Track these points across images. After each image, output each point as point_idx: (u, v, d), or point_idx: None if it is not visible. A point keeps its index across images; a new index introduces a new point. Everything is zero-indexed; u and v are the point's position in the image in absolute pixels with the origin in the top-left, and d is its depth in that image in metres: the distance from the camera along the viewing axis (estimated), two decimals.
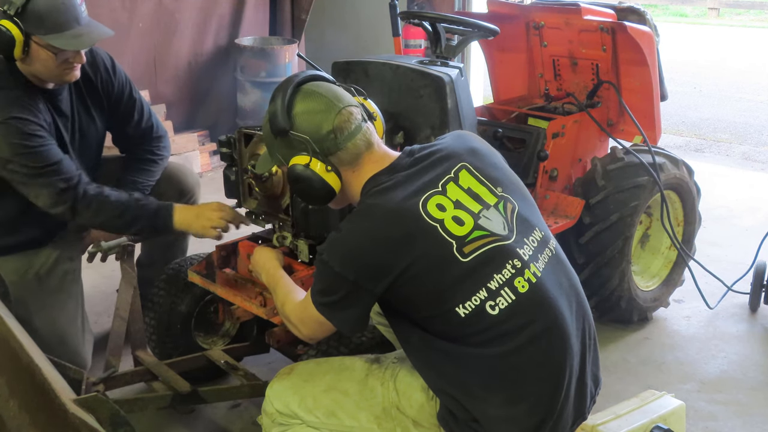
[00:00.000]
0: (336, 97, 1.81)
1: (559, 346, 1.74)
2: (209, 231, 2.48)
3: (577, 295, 1.87)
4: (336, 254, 1.70)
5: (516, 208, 1.83)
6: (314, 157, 1.77)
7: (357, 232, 1.71)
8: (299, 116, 1.79)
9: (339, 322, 1.76)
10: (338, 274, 1.69)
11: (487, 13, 3.69)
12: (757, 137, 6.89)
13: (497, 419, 1.72)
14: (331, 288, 1.72)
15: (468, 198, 1.78)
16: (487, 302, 1.69)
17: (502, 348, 1.70)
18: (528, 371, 1.72)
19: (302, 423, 1.86)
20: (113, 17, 4.87)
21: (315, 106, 1.79)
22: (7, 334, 2.17)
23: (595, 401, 1.91)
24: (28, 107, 2.40)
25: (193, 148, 5.35)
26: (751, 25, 13.39)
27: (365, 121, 1.83)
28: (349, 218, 1.75)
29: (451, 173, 1.79)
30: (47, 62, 2.37)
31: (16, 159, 2.35)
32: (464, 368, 1.72)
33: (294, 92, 1.82)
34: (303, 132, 1.77)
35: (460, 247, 1.69)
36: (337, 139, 1.77)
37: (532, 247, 1.80)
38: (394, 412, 1.84)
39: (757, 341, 3.32)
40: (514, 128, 3.29)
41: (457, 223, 1.72)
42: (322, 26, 6.88)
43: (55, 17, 2.31)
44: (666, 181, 3.22)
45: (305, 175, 1.77)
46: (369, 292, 1.70)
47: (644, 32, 3.16)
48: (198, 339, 2.84)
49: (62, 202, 2.42)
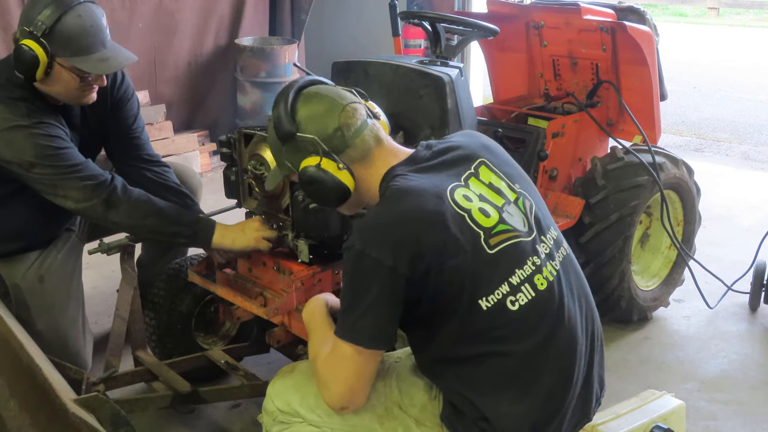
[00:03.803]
0: (338, 96, 1.81)
1: (570, 345, 1.75)
2: (261, 242, 2.40)
3: (587, 297, 1.88)
4: (371, 239, 1.64)
5: (533, 206, 1.84)
6: (324, 157, 1.76)
7: (391, 214, 1.67)
8: (304, 119, 1.78)
9: (366, 337, 1.66)
10: (375, 260, 1.61)
11: (486, 13, 3.69)
12: (756, 137, 6.90)
13: (508, 416, 1.72)
14: (365, 283, 1.64)
15: (491, 192, 1.78)
16: (508, 297, 1.69)
17: (520, 345, 1.70)
18: (542, 369, 1.72)
19: (303, 421, 1.85)
20: (113, 17, 4.85)
21: (318, 106, 1.79)
22: (8, 335, 2.17)
23: (600, 403, 1.91)
24: (49, 115, 2.40)
25: (193, 148, 5.35)
26: (750, 24, 13.40)
27: (370, 118, 1.83)
28: (377, 206, 1.71)
29: (471, 168, 1.79)
30: (69, 84, 2.36)
31: (41, 161, 2.32)
32: (480, 367, 1.72)
33: (296, 97, 1.82)
34: (310, 133, 1.76)
35: (487, 239, 1.69)
36: (345, 136, 1.76)
37: (548, 245, 1.81)
38: (396, 410, 1.83)
39: (757, 341, 3.32)
40: (514, 128, 3.29)
41: (484, 214, 1.71)
42: (322, 26, 6.89)
43: (83, 40, 2.29)
44: (666, 180, 3.22)
45: (318, 176, 1.75)
46: (405, 280, 1.62)
47: (644, 32, 3.16)
48: (198, 339, 2.84)
49: (96, 196, 2.35)
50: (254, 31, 5.79)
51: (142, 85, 5.16)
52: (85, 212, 2.44)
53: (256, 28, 5.83)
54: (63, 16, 2.26)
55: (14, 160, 2.34)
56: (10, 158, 2.34)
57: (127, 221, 2.42)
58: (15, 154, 2.33)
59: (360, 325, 1.66)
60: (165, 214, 2.44)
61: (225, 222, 2.51)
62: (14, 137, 2.32)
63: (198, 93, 5.63)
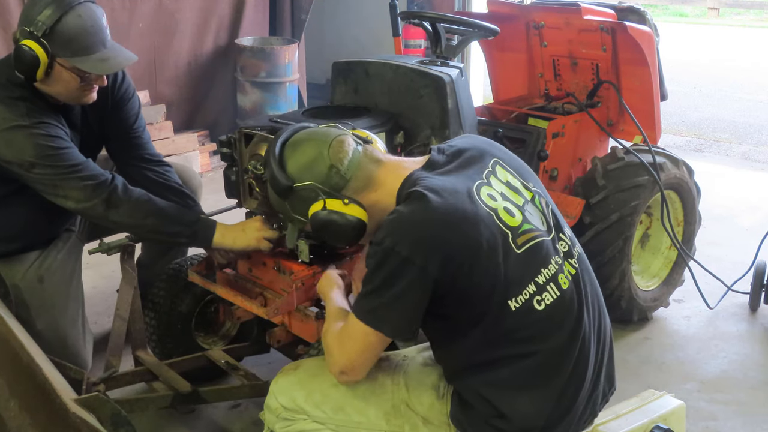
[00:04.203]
0: (322, 135, 1.80)
1: (586, 342, 1.77)
2: (263, 243, 2.39)
3: (598, 293, 1.90)
4: (404, 237, 1.61)
5: (549, 204, 1.85)
6: (328, 198, 1.73)
7: (423, 212, 1.63)
8: (296, 169, 1.76)
9: (390, 327, 1.67)
10: (406, 259, 1.59)
11: (487, 13, 3.70)
12: (757, 137, 6.89)
13: (526, 413, 1.73)
14: (392, 278, 1.62)
15: (510, 191, 1.78)
16: (535, 297, 1.69)
17: (544, 345, 1.71)
18: (562, 366, 1.74)
19: (308, 418, 1.85)
20: (113, 17, 4.85)
21: (305, 152, 1.77)
22: (8, 334, 2.17)
23: (607, 400, 1.93)
24: (50, 115, 2.39)
25: (193, 148, 5.35)
26: (751, 24, 13.40)
27: (360, 144, 1.80)
28: (407, 204, 1.67)
29: (489, 167, 1.78)
30: (69, 84, 2.36)
31: (41, 161, 2.32)
32: (502, 368, 1.72)
33: (282, 150, 1.80)
34: (306, 181, 1.75)
35: (515, 239, 1.69)
36: (341, 171, 1.74)
37: (567, 243, 1.82)
38: (403, 408, 1.84)
39: (757, 341, 3.32)
40: (514, 128, 3.29)
41: (509, 214, 1.71)
42: (322, 26, 6.89)
43: (83, 40, 2.29)
44: (666, 180, 3.22)
45: (328, 219, 1.72)
46: (434, 280, 1.61)
47: (644, 32, 3.16)
48: (198, 339, 2.84)
49: (96, 196, 2.35)
50: (254, 31, 5.79)
51: (142, 85, 5.16)
52: (86, 212, 2.44)
53: (256, 28, 5.83)
54: (63, 16, 2.25)
55: (14, 160, 2.34)
56: (10, 158, 2.34)
57: (128, 221, 2.41)
58: (15, 154, 2.33)
59: (382, 314, 1.66)
60: (165, 214, 2.43)
61: (225, 222, 2.51)
62: (14, 137, 2.32)
63: (198, 93, 5.63)
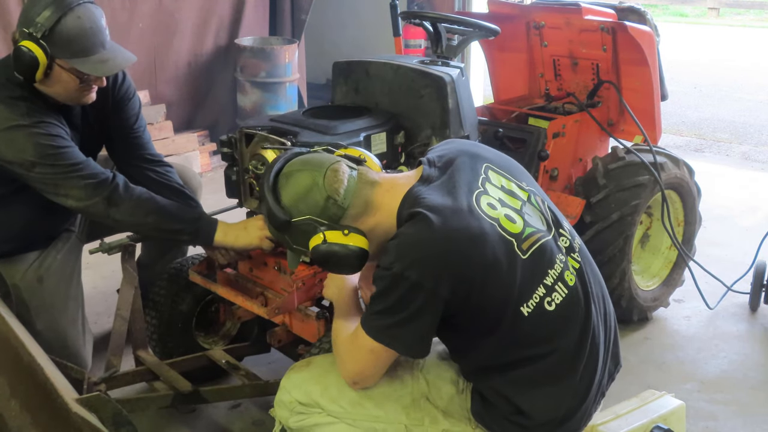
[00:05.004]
0: (315, 163, 1.74)
1: (596, 332, 1.78)
2: (264, 241, 2.39)
3: (600, 281, 1.91)
4: (412, 262, 1.59)
5: (545, 201, 1.85)
6: (327, 230, 1.70)
7: (430, 234, 1.60)
8: (291, 203, 1.72)
9: (402, 345, 1.67)
10: (416, 283, 1.58)
11: (487, 13, 3.70)
12: (756, 137, 6.89)
13: (544, 408, 1.75)
14: (401, 304, 1.61)
15: (507, 196, 1.77)
16: (545, 299, 1.70)
17: (559, 342, 1.73)
18: (576, 359, 1.75)
19: (322, 412, 1.83)
20: (113, 17, 4.86)
21: (299, 184, 1.72)
22: (9, 334, 2.17)
23: (614, 379, 1.96)
24: (50, 114, 2.39)
25: (193, 148, 5.35)
26: (751, 25, 13.40)
27: (354, 169, 1.76)
28: (412, 225, 1.64)
29: (482, 173, 1.77)
30: (68, 85, 2.35)
31: (42, 161, 2.32)
32: (519, 370, 1.74)
33: (275, 183, 1.75)
34: (303, 215, 1.71)
35: (519, 245, 1.69)
36: (338, 202, 1.70)
37: (567, 238, 1.82)
38: (423, 402, 1.84)
39: (757, 341, 3.32)
40: (515, 128, 3.29)
41: (510, 221, 1.71)
42: (322, 26, 6.89)
43: (83, 42, 2.29)
44: (667, 180, 3.22)
45: (330, 251, 1.68)
46: (445, 302, 1.61)
47: (644, 32, 3.17)
48: (199, 339, 2.84)
49: (97, 194, 2.35)
50: (254, 31, 5.79)
51: (142, 85, 5.16)
52: (87, 211, 2.43)
53: (256, 28, 5.83)
54: (62, 17, 2.25)
55: (15, 159, 2.34)
56: (10, 158, 2.34)
57: (129, 219, 2.41)
58: (16, 154, 2.33)
59: (394, 332, 1.66)
60: (167, 212, 2.43)
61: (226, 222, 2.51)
62: (15, 137, 2.32)
63: (198, 93, 5.63)
